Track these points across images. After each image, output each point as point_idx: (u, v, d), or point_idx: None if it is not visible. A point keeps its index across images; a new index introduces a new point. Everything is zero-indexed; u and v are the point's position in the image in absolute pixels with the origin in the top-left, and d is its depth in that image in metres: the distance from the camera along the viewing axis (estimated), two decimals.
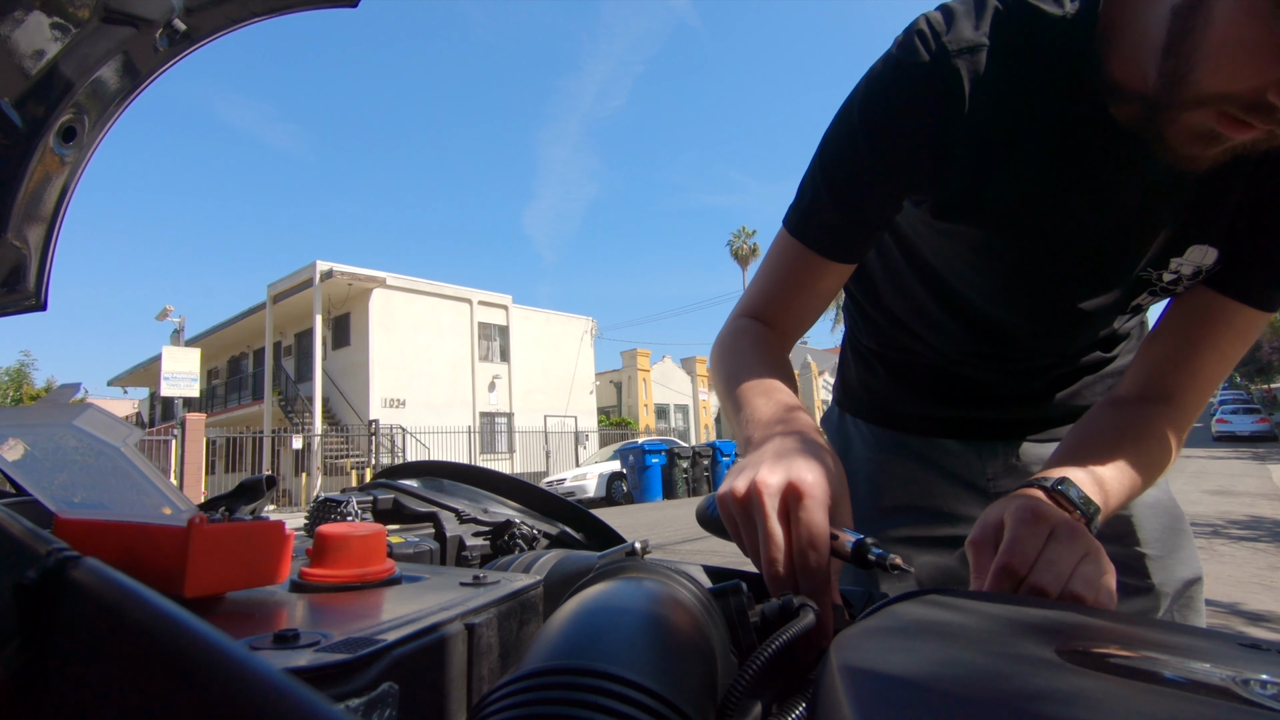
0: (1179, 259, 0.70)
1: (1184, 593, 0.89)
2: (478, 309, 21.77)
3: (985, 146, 0.69)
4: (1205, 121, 0.53)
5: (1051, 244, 0.73)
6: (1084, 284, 0.76)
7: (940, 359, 0.95)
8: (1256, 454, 15.84)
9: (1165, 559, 0.89)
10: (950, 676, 0.27)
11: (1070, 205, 0.70)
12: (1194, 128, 0.54)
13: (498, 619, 0.42)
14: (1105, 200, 0.69)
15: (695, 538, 7.19)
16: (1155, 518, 0.91)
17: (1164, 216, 0.69)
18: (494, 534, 0.82)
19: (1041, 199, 0.70)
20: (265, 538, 0.42)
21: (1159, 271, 0.71)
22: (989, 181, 0.70)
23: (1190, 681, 0.28)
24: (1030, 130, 0.68)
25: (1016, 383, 0.94)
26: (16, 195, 0.75)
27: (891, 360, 1.01)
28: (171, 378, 15.23)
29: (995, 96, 0.66)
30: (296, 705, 0.18)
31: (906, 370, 1.00)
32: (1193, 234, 0.68)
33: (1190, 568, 0.91)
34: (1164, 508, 0.92)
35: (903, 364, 1.00)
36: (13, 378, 26.14)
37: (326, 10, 0.89)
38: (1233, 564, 4.82)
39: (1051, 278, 0.76)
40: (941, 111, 0.67)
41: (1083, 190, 0.69)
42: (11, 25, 0.65)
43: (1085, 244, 0.72)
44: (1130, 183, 0.67)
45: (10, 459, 0.39)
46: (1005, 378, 0.93)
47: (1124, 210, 0.69)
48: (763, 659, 0.36)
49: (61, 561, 0.25)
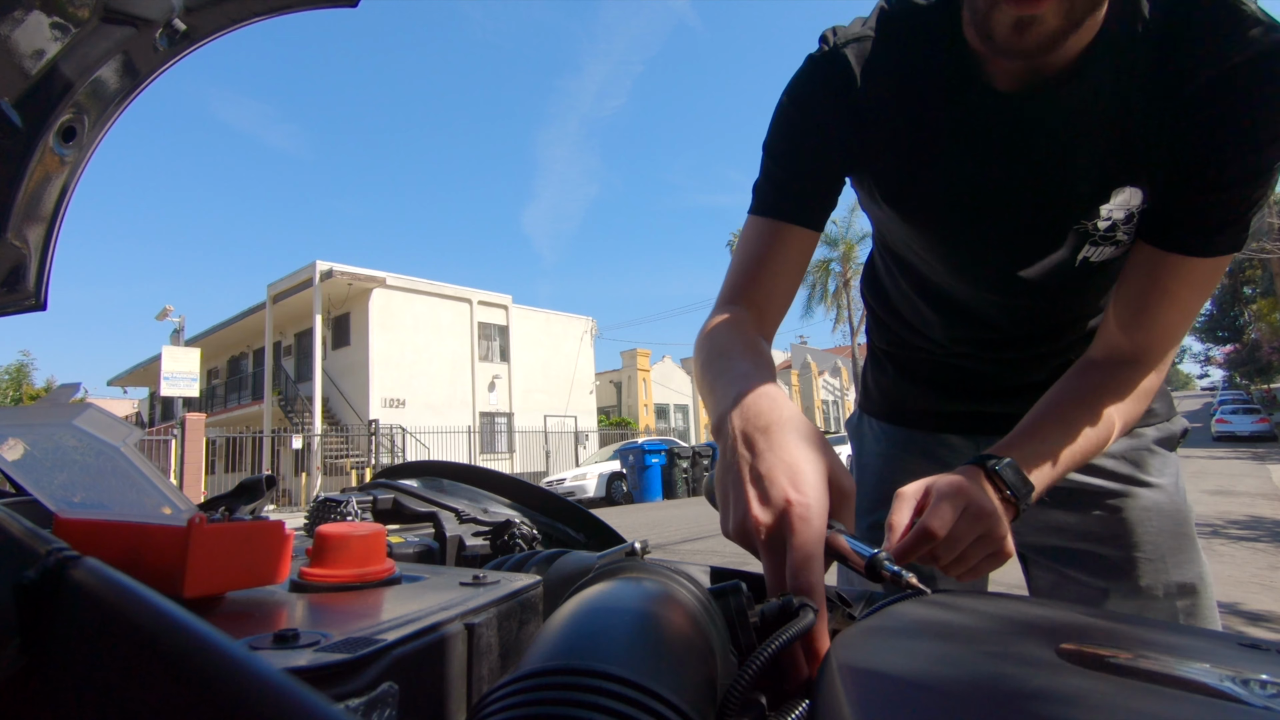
0: (1108, 205, 0.73)
1: (1181, 598, 0.88)
2: (477, 309, 21.76)
3: (895, 127, 0.78)
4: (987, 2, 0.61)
5: (983, 214, 0.78)
6: (1023, 246, 0.80)
7: (938, 351, 0.99)
8: (1256, 454, 15.84)
9: (1158, 561, 0.88)
10: (950, 676, 0.27)
11: (988, 174, 0.76)
12: (1001, 18, 0.61)
13: (497, 619, 0.42)
14: (1016, 160, 0.74)
15: (695, 537, 7.18)
16: (1152, 520, 0.90)
17: (1079, 166, 0.72)
18: (494, 534, 0.82)
19: (959, 173, 0.77)
20: (265, 538, 0.42)
21: (1092, 222, 0.74)
22: (911, 163, 0.79)
23: (1190, 681, 0.28)
24: (929, 109, 0.76)
25: (1013, 374, 0.95)
26: (16, 195, 0.75)
27: (899, 358, 1.05)
28: (171, 377, 15.21)
29: (887, 78, 0.77)
30: (296, 705, 0.18)
31: (912, 366, 1.04)
32: (1114, 178, 0.71)
33: (1186, 572, 0.89)
34: (1165, 511, 0.90)
35: (909, 361, 1.04)
36: (13, 377, 26.12)
37: (326, 10, 0.89)
38: (1232, 564, 4.82)
39: (991, 245, 0.81)
40: (838, 89, 0.78)
41: (994, 157, 0.75)
42: (11, 25, 0.65)
43: (1012, 206, 0.77)
44: (1035, 140, 0.73)
45: (10, 459, 0.39)
46: (1000, 368, 0.95)
47: (1037, 167, 0.74)
48: (762, 659, 0.36)
49: (61, 561, 0.25)
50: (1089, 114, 0.70)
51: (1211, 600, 0.89)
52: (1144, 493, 0.90)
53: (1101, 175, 0.72)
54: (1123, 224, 0.74)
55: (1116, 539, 0.89)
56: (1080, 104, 0.70)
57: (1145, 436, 0.93)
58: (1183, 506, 0.91)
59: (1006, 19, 0.60)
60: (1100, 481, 0.91)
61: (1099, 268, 0.79)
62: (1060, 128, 0.71)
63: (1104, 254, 0.77)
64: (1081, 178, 0.73)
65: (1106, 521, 0.90)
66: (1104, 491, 0.91)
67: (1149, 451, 0.92)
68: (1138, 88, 0.68)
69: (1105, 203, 0.73)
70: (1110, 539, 0.89)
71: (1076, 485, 0.91)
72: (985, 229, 0.80)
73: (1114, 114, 0.69)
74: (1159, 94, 0.67)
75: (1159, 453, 0.93)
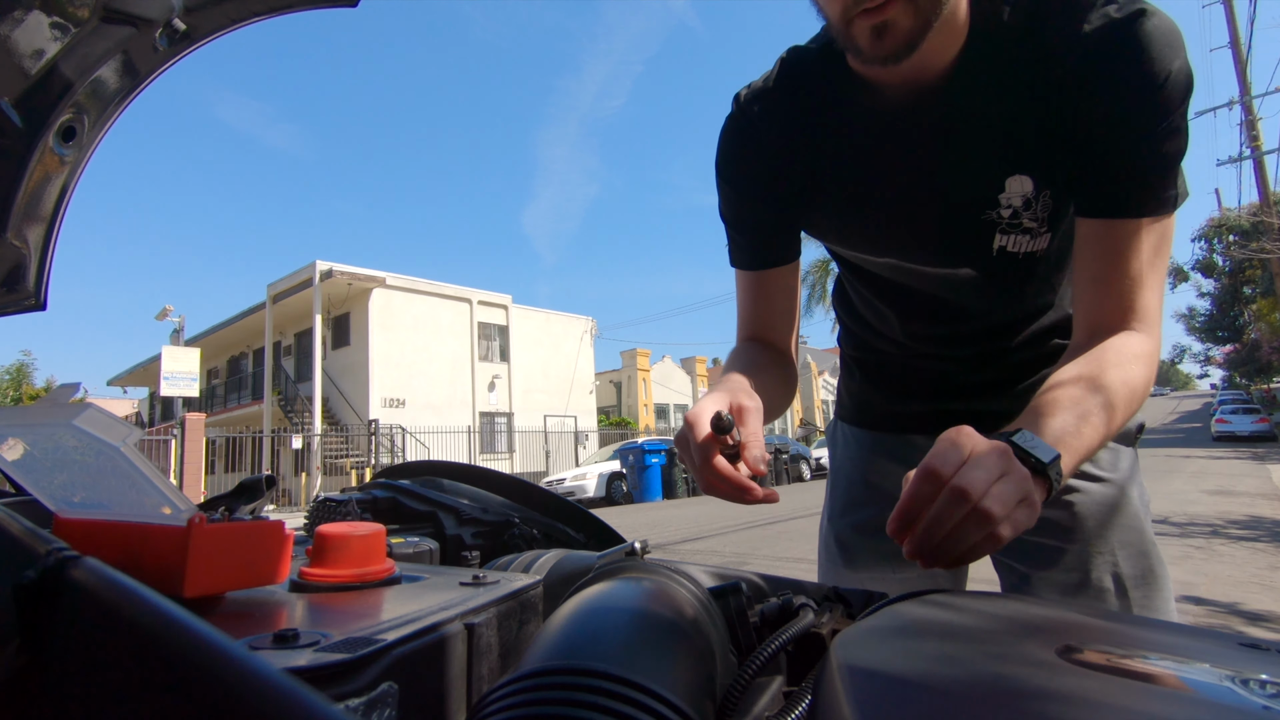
0: (1005, 194, 0.78)
1: (1134, 590, 0.89)
2: (477, 309, 21.75)
3: (803, 163, 0.85)
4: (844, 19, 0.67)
5: (897, 221, 0.85)
6: (944, 244, 0.85)
7: (899, 352, 1.04)
8: (1256, 454, 15.81)
9: (1109, 555, 0.90)
10: (950, 676, 0.27)
11: (893, 184, 0.83)
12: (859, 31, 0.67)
13: (497, 619, 0.42)
14: (913, 167, 0.81)
15: (695, 538, 7.18)
16: (1102, 514, 0.91)
17: (971, 162, 0.78)
18: (494, 534, 0.82)
19: (866, 190, 0.84)
20: (265, 538, 0.42)
21: (995, 211, 0.80)
22: (824, 191, 0.86)
23: (1190, 681, 0.28)
24: (828, 139, 0.84)
25: (971, 372, 0.98)
26: (16, 195, 0.75)
27: (865, 362, 1.11)
28: (171, 377, 15.21)
29: (790, 122, 0.84)
30: (296, 705, 0.18)
31: (876, 369, 1.10)
32: (1004, 169, 0.77)
33: (1138, 564, 0.90)
34: (1115, 505, 0.92)
35: (873, 364, 1.10)
36: (13, 377, 26.11)
37: (326, 10, 0.89)
38: (1232, 564, 4.82)
39: (915, 248, 0.87)
40: (751, 145, 0.87)
41: (894, 169, 0.82)
42: (11, 25, 0.65)
43: (921, 209, 0.83)
44: (926, 145, 0.79)
45: (10, 459, 0.39)
46: (959, 366, 0.99)
47: (933, 170, 0.80)
48: (762, 659, 0.36)
49: (61, 561, 0.25)
50: (970, 113, 0.76)
51: (1165, 592, 0.91)
52: (1095, 488, 0.93)
53: (993, 167, 0.77)
54: (1024, 211, 0.79)
55: (1069, 533, 0.92)
56: (960, 105, 0.76)
57: None
58: (1134, 500, 0.93)
59: (864, 31, 0.66)
60: None
61: (1024, 259, 0.83)
62: (947, 130, 0.78)
63: (1020, 243, 0.81)
64: (975, 172, 0.78)
65: (1060, 517, 0.92)
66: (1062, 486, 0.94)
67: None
68: (1010, 81, 0.73)
69: (1002, 192, 0.78)
70: (1064, 533, 0.92)
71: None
72: (904, 236, 0.86)
73: (993, 109, 0.75)
74: (1030, 82, 0.73)
75: (1113, 448, 0.95)
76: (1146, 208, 0.70)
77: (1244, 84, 19.49)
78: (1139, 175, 0.70)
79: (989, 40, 0.73)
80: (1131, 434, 0.98)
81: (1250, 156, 19.43)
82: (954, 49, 0.74)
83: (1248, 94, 19.54)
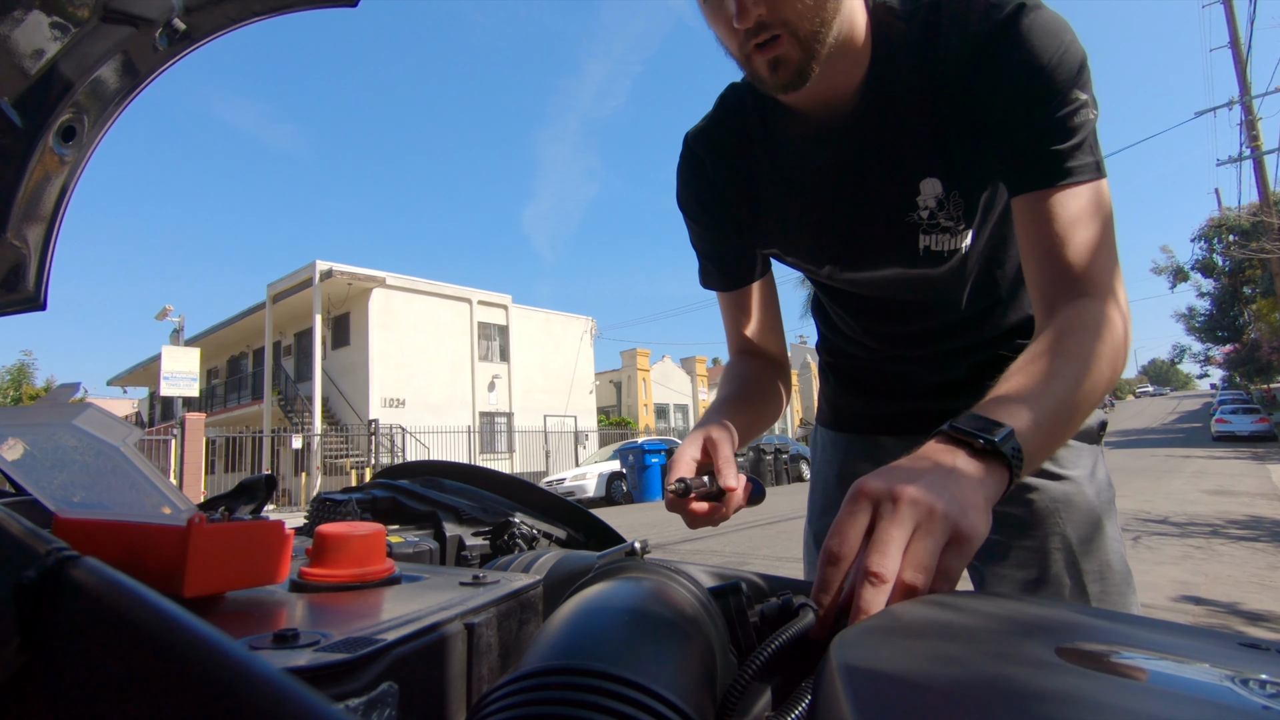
0: (921, 197, 0.84)
1: (1091, 584, 0.92)
2: (477, 309, 21.75)
3: (741, 189, 0.93)
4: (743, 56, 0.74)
5: (829, 230, 0.92)
6: (876, 247, 0.90)
7: (867, 355, 1.09)
8: (1256, 454, 15.80)
9: (1067, 550, 0.94)
10: (950, 676, 0.27)
11: (818, 198, 0.89)
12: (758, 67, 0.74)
13: (497, 619, 0.42)
14: (837, 181, 0.87)
15: (695, 538, 7.18)
16: (1061, 510, 0.95)
17: (885, 170, 0.84)
18: (494, 534, 0.82)
19: (794, 208, 0.91)
20: (265, 537, 0.42)
21: (916, 213, 0.85)
22: (763, 213, 0.93)
23: (1190, 681, 0.28)
24: (759, 165, 0.91)
25: (933, 372, 1.02)
26: (16, 195, 0.75)
27: (838, 366, 1.17)
28: (171, 377, 15.21)
29: (727, 154, 0.93)
30: (296, 705, 0.18)
31: (848, 373, 1.15)
32: (916, 173, 0.83)
33: (1094, 559, 0.93)
34: (1074, 502, 0.95)
35: (845, 367, 1.15)
36: (13, 377, 26.10)
37: (326, 10, 0.89)
38: (1232, 564, 4.82)
39: (849, 253, 0.93)
40: (698, 178, 0.95)
41: (818, 184, 0.89)
42: (11, 25, 0.65)
43: (849, 217, 0.89)
44: (842, 159, 0.86)
45: (10, 458, 0.39)
46: (922, 367, 1.03)
47: (853, 181, 0.87)
48: (762, 659, 0.36)
49: (61, 561, 0.25)
50: (881, 125, 0.82)
51: (1123, 586, 0.93)
52: (1054, 485, 0.95)
53: (907, 173, 0.83)
54: (939, 211, 0.84)
55: (1030, 529, 0.95)
56: (872, 119, 0.82)
57: None
58: (1092, 497, 0.95)
59: (761, 64, 0.73)
60: None
61: (950, 256, 0.87)
62: (862, 142, 0.84)
63: (943, 242, 0.86)
64: (892, 179, 0.84)
65: (1022, 513, 0.96)
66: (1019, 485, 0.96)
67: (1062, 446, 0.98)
68: (913, 90, 0.79)
69: (918, 195, 0.84)
70: (1025, 529, 0.95)
71: None
72: (836, 245, 0.92)
73: (901, 119, 0.81)
74: (930, 89, 0.78)
75: (1071, 445, 0.98)
76: (1060, 176, 0.72)
77: (1244, 84, 19.49)
78: (1046, 147, 0.72)
79: (891, 55, 0.80)
80: (1093, 431, 1.00)
81: (1250, 156, 19.43)
82: (861, 68, 0.80)
83: (1248, 94, 19.54)
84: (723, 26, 0.75)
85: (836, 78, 0.79)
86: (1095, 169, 0.72)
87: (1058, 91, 0.71)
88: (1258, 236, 21.44)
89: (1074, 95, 0.72)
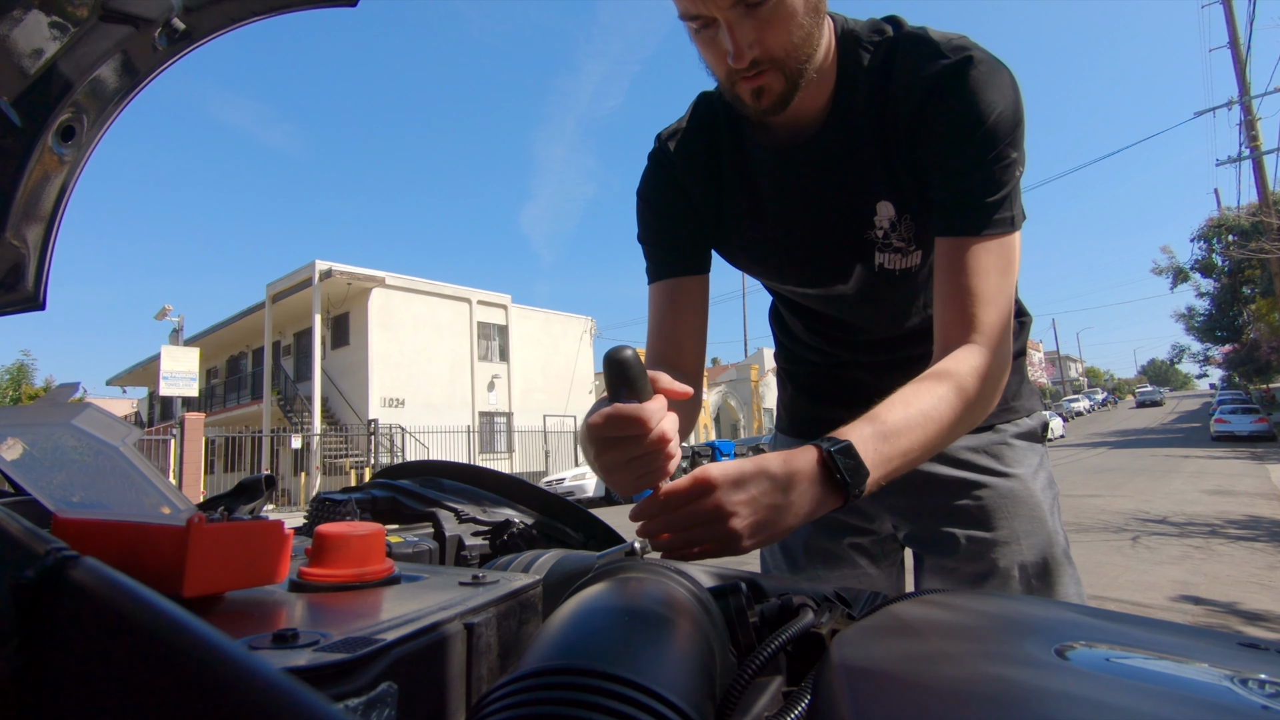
0: (877, 217, 0.90)
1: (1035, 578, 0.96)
2: (477, 308, 21.73)
3: (706, 193, 0.97)
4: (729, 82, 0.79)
5: (790, 242, 0.96)
6: (834, 261, 0.95)
7: (820, 361, 1.14)
8: (1255, 454, 15.81)
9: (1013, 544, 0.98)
10: (949, 676, 0.27)
11: (784, 211, 0.94)
12: (742, 93, 0.79)
13: (497, 619, 0.42)
14: (801, 196, 0.92)
15: None
16: (1007, 507, 1.00)
17: (845, 190, 0.89)
18: (493, 534, 0.82)
19: (758, 219, 0.96)
20: (264, 537, 0.42)
21: (871, 232, 0.91)
22: (726, 219, 0.98)
23: (1189, 681, 0.28)
24: (726, 173, 0.96)
25: (881, 379, 1.04)
26: (16, 195, 0.75)
27: (794, 374, 1.22)
28: (170, 377, 15.19)
29: (697, 158, 0.96)
30: (296, 705, 0.18)
31: (802, 379, 1.20)
32: (872, 195, 0.88)
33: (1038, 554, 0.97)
34: (1019, 498, 1.01)
35: (799, 375, 1.20)
36: (13, 377, 26.08)
37: (325, 10, 0.89)
38: (1230, 564, 4.83)
39: (808, 266, 0.98)
40: (666, 176, 0.99)
41: (782, 198, 0.93)
42: (11, 25, 0.65)
43: (809, 231, 0.94)
44: (806, 177, 0.91)
45: (9, 458, 0.39)
46: (871, 374, 1.08)
47: (815, 198, 0.92)
48: (762, 658, 0.36)
49: (60, 561, 0.25)
50: (841, 148, 0.88)
51: (1066, 579, 0.98)
52: (1000, 482, 1.01)
53: (865, 194, 0.89)
54: (892, 232, 0.90)
55: (978, 525, 1.00)
56: (833, 142, 0.88)
57: (1005, 432, 1.06)
58: (1037, 493, 1.02)
59: (745, 91, 0.78)
60: (964, 473, 1.03)
61: (901, 275, 0.94)
62: (824, 163, 0.89)
63: (895, 261, 0.92)
64: (851, 199, 0.90)
65: (971, 509, 1.01)
66: (968, 483, 1.02)
67: (1006, 445, 1.05)
68: (870, 119, 0.85)
69: (875, 215, 0.89)
70: (974, 525, 1.00)
71: (946, 477, 1.03)
72: (799, 258, 0.97)
73: (859, 144, 0.87)
74: (884, 120, 0.84)
75: (1016, 446, 1.05)
76: (981, 226, 0.78)
77: (1243, 84, 19.50)
78: (973, 198, 0.79)
79: (853, 83, 0.86)
80: (1036, 432, 1.08)
81: (1249, 156, 19.43)
82: (826, 94, 0.86)
83: (1247, 94, 19.54)
84: (713, 55, 0.78)
85: (806, 99, 0.83)
86: (1011, 224, 0.80)
87: (991, 147, 0.77)
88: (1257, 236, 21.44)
89: (1005, 152, 0.78)
